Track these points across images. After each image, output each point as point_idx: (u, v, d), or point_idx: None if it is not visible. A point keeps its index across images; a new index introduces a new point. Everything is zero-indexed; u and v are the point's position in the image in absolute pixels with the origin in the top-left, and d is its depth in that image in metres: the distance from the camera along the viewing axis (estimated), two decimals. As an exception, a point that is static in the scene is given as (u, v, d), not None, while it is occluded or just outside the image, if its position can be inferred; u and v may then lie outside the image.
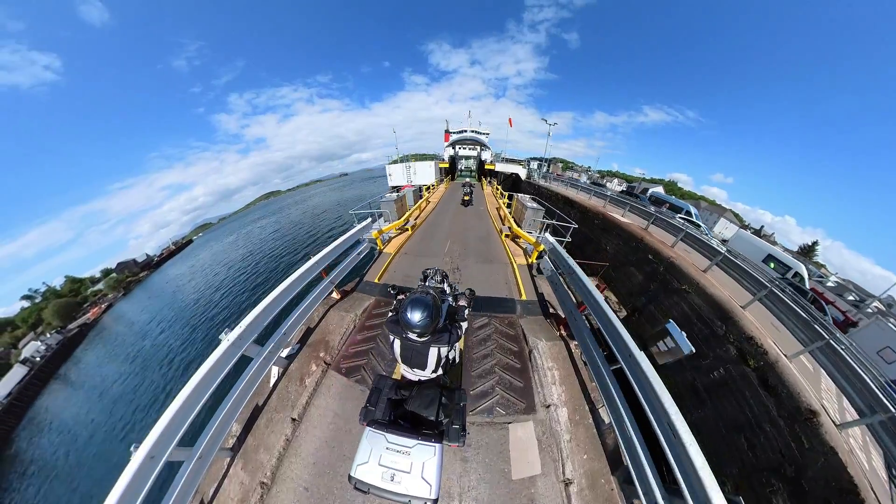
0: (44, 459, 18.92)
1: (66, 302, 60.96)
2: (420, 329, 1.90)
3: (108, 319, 51.04)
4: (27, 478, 18.10)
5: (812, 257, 55.84)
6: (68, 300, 63.01)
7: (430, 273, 2.97)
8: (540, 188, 24.47)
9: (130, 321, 41.60)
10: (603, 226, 13.81)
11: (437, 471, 1.78)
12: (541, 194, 20.08)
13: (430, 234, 10.98)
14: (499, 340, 4.67)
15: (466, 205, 16.35)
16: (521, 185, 30.10)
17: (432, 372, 2.14)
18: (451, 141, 35.64)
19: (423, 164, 26.52)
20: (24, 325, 62.19)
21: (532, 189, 25.60)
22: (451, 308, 2.46)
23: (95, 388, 25.35)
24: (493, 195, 20.37)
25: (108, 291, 65.65)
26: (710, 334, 7.07)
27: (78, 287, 75.17)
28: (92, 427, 19.50)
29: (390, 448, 1.85)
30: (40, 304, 68.38)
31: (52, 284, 75.84)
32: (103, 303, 58.85)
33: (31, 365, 36.83)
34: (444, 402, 2.13)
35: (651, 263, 9.86)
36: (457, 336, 2.13)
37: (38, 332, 56.72)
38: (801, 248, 59.50)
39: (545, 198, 16.96)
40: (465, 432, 2.04)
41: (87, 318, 52.94)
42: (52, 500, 15.34)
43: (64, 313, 57.43)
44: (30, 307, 69.01)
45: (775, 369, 5.52)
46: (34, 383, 33.71)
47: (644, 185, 59.92)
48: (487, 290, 6.30)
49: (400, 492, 1.73)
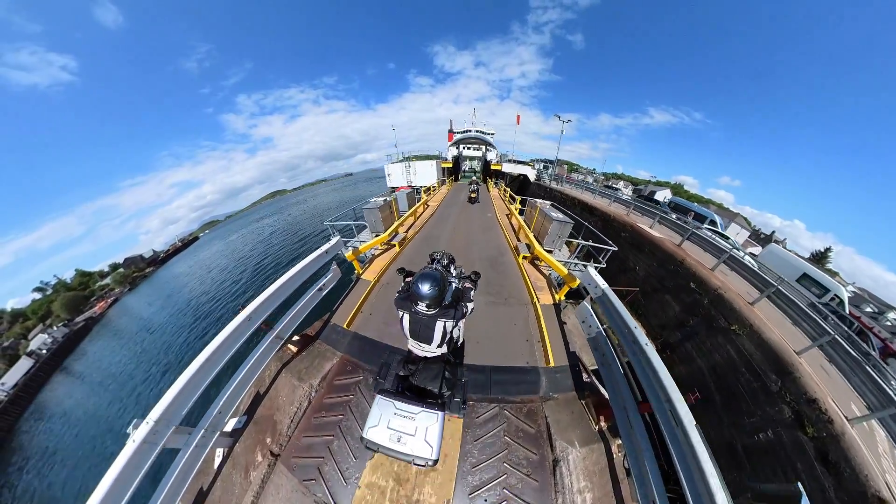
0: (45, 446, 19.87)
1: (75, 295, 61.54)
2: (428, 299, 2.01)
3: (114, 313, 51.53)
4: (31, 461, 19.12)
5: (825, 264, 53.15)
6: (76, 294, 63.65)
7: (437, 256, 3.00)
8: (552, 191, 22.81)
9: (135, 316, 41.86)
10: (632, 240, 11.94)
11: (439, 436, 2.01)
12: (554, 198, 17.61)
13: (425, 250, 8.99)
14: (511, 442, 3.20)
15: (473, 202, 16.41)
16: (531, 187, 28.46)
17: (438, 346, 2.26)
18: (455, 140, 34.04)
19: (425, 164, 24.99)
20: (35, 316, 63.11)
21: (543, 192, 24.03)
22: (457, 290, 2.50)
23: (96, 381, 25.99)
24: (502, 198, 18.29)
25: (115, 286, 66.02)
26: (761, 388, 5.83)
27: (87, 280, 75.99)
28: (91, 416, 20.61)
29: (398, 413, 2.08)
30: (51, 296, 69.36)
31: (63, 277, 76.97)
32: (110, 297, 59.27)
33: (37, 357, 37.14)
34: (447, 376, 2.36)
35: (692, 293, 8.24)
36: (462, 313, 2.24)
37: (46, 325, 57.46)
38: (813, 255, 56.60)
39: (559, 203, 14.66)
40: (465, 405, 2.30)
41: (93, 311, 53.37)
42: (55, 481, 16.21)
43: (72, 306, 57.98)
44: (41, 299, 70.11)
45: (839, 443, 4.50)
46: (39, 375, 34.02)
47: (651, 188, 57.84)
48: (498, 354, 4.35)
49: (406, 451, 1.97)
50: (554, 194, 21.11)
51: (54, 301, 62.48)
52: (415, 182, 24.09)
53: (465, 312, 2.29)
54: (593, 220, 14.37)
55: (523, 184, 29.69)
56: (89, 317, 50.89)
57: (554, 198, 18.50)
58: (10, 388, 32.60)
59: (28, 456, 19.77)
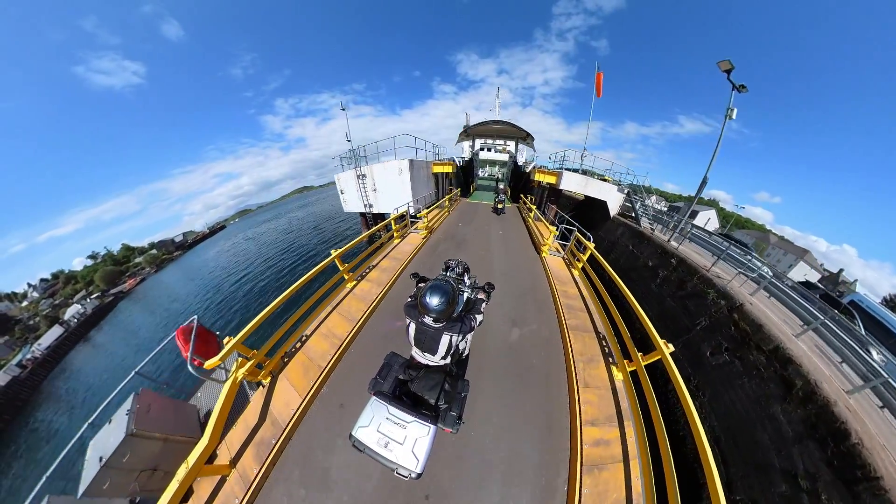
0: (61, 394, 26.95)
1: (112, 270, 72.11)
2: (436, 314, 1.99)
3: (140, 291, 60.15)
4: (57, 406, 25.22)
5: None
6: (114, 268, 74.38)
7: (452, 264, 2.96)
8: (666, 252, 9.78)
9: (156, 296, 48.81)
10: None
11: (427, 449, 1.87)
12: (667, 266, 9.35)
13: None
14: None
15: (499, 213, 13.10)
16: (607, 226, 13.86)
17: (441, 358, 2.22)
18: (467, 129, 20.84)
19: (389, 170, 12.97)
20: (83, 281, 74.70)
21: (649, 249, 10.60)
22: (469, 300, 2.55)
23: (113, 352, 32.39)
24: (572, 271, 6.97)
25: (146, 265, 76.51)
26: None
27: (129, 255, 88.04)
28: (104, 377, 26.06)
29: (390, 419, 1.96)
30: (98, 265, 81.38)
31: (112, 249, 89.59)
32: (139, 276, 69.05)
33: (67, 326, 45.22)
34: (446, 388, 2.19)
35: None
36: (469, 327, 2.19)
37: (89, 291, 68.13)
38: (885, 300, 43.84)
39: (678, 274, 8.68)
40: (460, 421, 2.11)
41: (123, 287, 62.65)
42: (71, 425, 20.94)
43: (109, 279, 68.25)
44: (91, 266, 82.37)
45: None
46: (66, 343, 41.66)
47: (693, 208, 49.76)
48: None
49: (390, 458, 1.85)
50: (670, 258, 9.41)
51: (98, 271, 73.73)
52: (378, 205, 13.53)
53: (473, 326, 2.24)
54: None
55: (588, 214, 15.62)
56: (119, 291, 60.02)
57: (667, 265, 9.39)
58: (45, 348, 40.51)
59: (55, 400, 26.80)
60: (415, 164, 13.24)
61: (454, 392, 2.23)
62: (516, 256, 8.18)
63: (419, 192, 13.61)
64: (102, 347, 36.05)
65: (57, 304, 68.03)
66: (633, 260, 11.54)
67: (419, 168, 13.90)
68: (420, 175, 14.05)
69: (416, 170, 13.33)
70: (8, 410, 27.60)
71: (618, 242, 12.94)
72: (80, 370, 31.19)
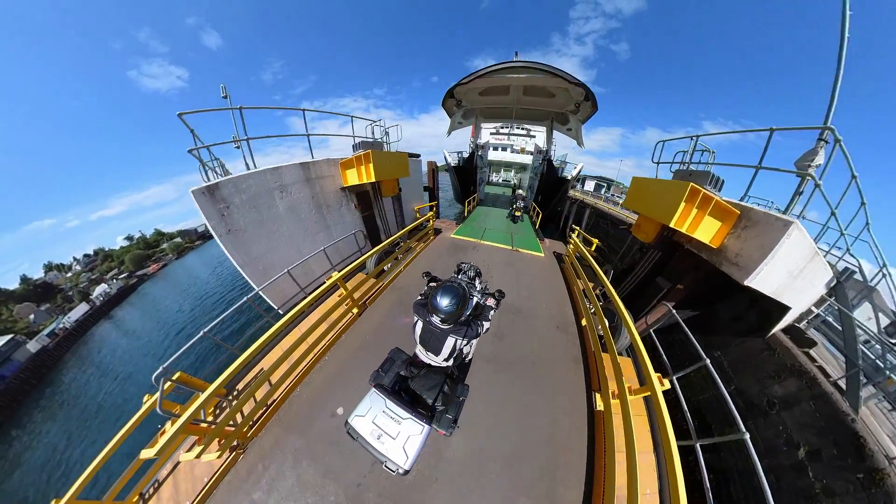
0: (83, 363, 31.74)
1: (140, 254, 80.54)
2: (444, 315, 2.04)
3: (161, 274, 67.25)
4: (80, 371, 29.95)
5: None
6: (143, 252, 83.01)
7: (464, 268, 3.00)
8: None
9: (174, 280, 54.48)
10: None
11: (418, 448, 1.91)
12: None
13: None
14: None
15: (516, 220, 12.17)
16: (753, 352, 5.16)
17: (444, 360, 2.25)
18: (454, 94, 13.35)
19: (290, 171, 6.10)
20: (117, 261, 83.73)
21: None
22: (478, 305, 2.60)
23: (132, 330, 37.18)
24: None
25: (169, 252, 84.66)
26: None
27: (160, 240, 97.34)
28: (121, 352, 30.72)
29: (386, 412, 2.01)
30: (131, 246, 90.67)
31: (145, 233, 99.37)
32: (162, 262, 76.84)
33: (92, 304, 51.90)
34: (445, 390, 2.19)
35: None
36: (475, 332, 2.21)
37: (120, 271, 76.58)
38: None
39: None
40: (455, 424, 2.11)
41: (147, 271, 70.21)
42: (95, 388, 25.22)
43: (137, 262, 76.50)
44: (125, 247, 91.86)
45: None
46: (90, 320, 48.02)
47: None
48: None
49: (381, 451, 1.90)
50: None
51: (129, 252, 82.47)
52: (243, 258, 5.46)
53: (479, 332, 2.26)
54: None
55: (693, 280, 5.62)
56: (143, 274, 67.50)
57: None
58: (73, 321, 47.04)
59: (79, 366, 31.44)
60: (310, 168, 6.58)
61: (453, 395, 2.26)
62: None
63: (310, 239, 6.63)
64: (122, 324, 41.61)
65: (94, 278, 77.02)
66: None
67: (314, 181, 6.73)
68: (314, 199, 6.76)
69: (299, 188, 6.38)
70: (35, 376, 33.40)
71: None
72: (105, 341, 36.73)
